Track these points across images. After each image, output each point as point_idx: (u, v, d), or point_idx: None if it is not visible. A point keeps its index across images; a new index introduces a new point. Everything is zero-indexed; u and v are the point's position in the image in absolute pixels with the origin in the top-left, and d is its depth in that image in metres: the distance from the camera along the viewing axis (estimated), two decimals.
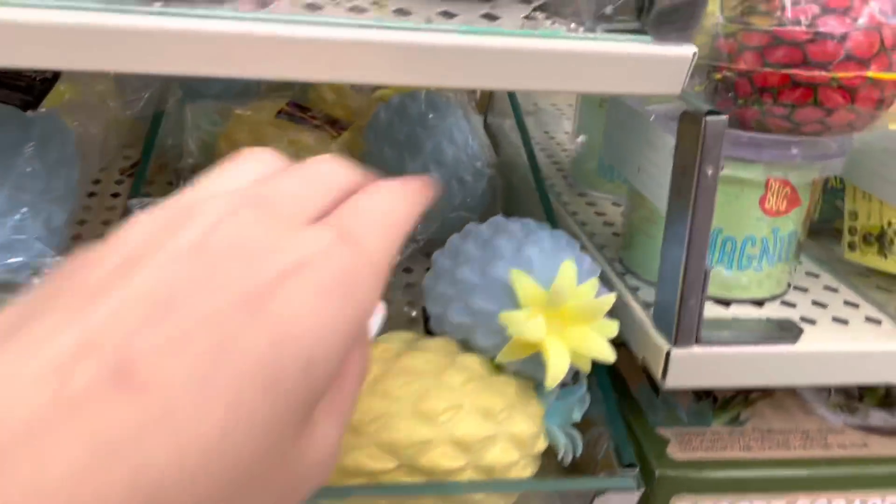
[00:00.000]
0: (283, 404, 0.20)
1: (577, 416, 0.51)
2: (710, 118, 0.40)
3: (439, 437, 0.44)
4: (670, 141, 0.43)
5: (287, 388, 0.20)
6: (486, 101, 0.85)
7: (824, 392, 0.61)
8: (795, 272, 0.54)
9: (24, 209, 0.54)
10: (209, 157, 0.75)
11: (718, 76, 0.45)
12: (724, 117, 0.40)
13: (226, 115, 0.75)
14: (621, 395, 0.58)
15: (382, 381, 0.45)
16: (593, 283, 0.45)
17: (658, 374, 0.46)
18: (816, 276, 0.57)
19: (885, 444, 0.56)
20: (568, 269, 0.44)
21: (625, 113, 0.51)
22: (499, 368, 0.48)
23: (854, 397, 0.61)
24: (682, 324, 0.45)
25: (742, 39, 0.44)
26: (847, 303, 0.53)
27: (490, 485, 0.45)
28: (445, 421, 0.44)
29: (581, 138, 0.68)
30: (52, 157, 0.57)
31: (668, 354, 0.45)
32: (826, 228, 0.64)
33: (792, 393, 0.61)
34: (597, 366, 0.53)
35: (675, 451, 0.53)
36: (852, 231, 0.58)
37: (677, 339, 0.45)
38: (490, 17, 0.41)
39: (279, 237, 0.22)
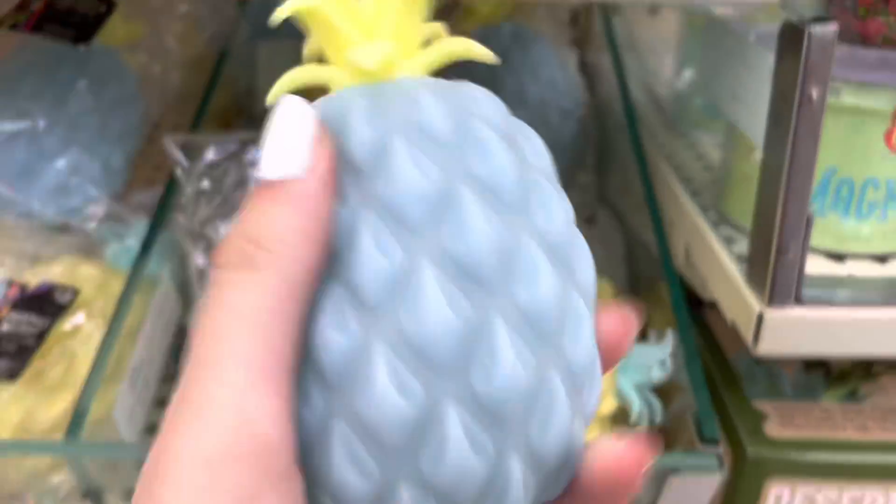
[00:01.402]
0: None
1: (656, 375, 0.44)
2: (815, 28, 0.33)
3: None
4: (769, 59, 0.36)
5: None
6: (584, 36, 0.78)
7: None
8: None
9: (78, 149, 0.52)
10: None
11: None
12: (834, 27, 0.32)
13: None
14: (716, 363, 0.51)
15: None
16: None
17: (749, 338, 0.39)
18: None
19: None
20: None
21: (722, 34, 0.44)
22: None
23: None
24: (779, 279, 0.37)
25: None
26: None
27: None
28: None
29: (686, 73, 0.60)
30: (109, 96, 0.55)
31: (760, 316, 0.38)
32: None
33: None
34: (683, 326, 0.46)
35: (773, 428, 0.46)
36: None
37: (772, 298, 0.38)
38: None
39: None
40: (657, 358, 0.46)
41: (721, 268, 0.42)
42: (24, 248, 0.52)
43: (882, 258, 0.43)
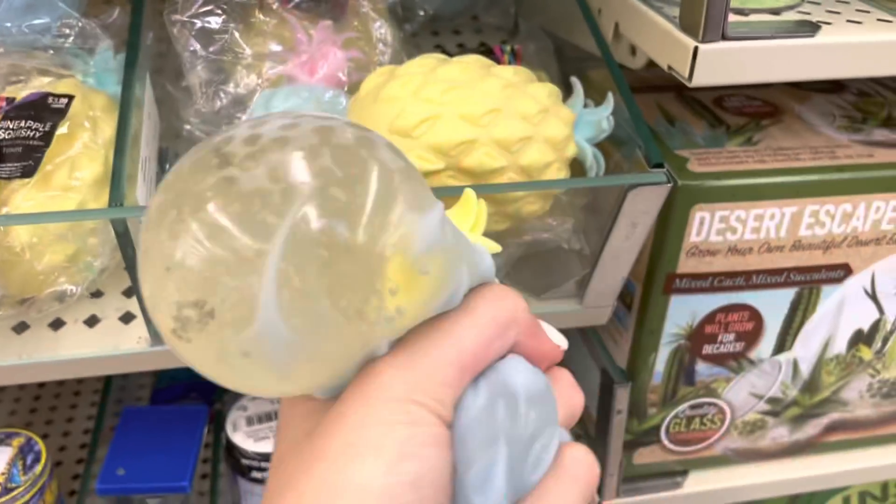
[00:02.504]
0: None
1: (606, 126, 0.53)
2: None
3: (482, 137, 0.47)
4: None
5: None
6: None
7: (830, 116, 0.64)
8: None
9: None
10: None
11: None
12: None
13: None
14: None
15: (424, 89, 0.47)
16: None
17: (685, 73, 0.48)
18: None
19: (890, 154, 0.60)
20: None
21: None
22: (531, 78, 0.50)
23: (858, 119, 0.64)
24: (710, 17, 0.46)
25: None
26: (859, 10, 0.55)
27: (530, 184, 0.48)
28: (487, 123, 0.47)
29: None
30: None
31: (695, 50, 0.47)
32: None
33: (799, 119, 0.64)
34: (623, 89, 0.55)
35: (694, 166, 0.56)
36: None
37: (705, 35, 0.47)
38: None
39: None
40: (603, 115, 0.54)
41: (655, 25, 0.51)
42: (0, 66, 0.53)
43: (776, 12, 0.53)
